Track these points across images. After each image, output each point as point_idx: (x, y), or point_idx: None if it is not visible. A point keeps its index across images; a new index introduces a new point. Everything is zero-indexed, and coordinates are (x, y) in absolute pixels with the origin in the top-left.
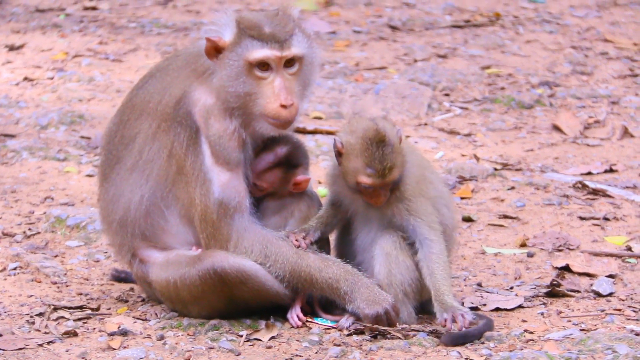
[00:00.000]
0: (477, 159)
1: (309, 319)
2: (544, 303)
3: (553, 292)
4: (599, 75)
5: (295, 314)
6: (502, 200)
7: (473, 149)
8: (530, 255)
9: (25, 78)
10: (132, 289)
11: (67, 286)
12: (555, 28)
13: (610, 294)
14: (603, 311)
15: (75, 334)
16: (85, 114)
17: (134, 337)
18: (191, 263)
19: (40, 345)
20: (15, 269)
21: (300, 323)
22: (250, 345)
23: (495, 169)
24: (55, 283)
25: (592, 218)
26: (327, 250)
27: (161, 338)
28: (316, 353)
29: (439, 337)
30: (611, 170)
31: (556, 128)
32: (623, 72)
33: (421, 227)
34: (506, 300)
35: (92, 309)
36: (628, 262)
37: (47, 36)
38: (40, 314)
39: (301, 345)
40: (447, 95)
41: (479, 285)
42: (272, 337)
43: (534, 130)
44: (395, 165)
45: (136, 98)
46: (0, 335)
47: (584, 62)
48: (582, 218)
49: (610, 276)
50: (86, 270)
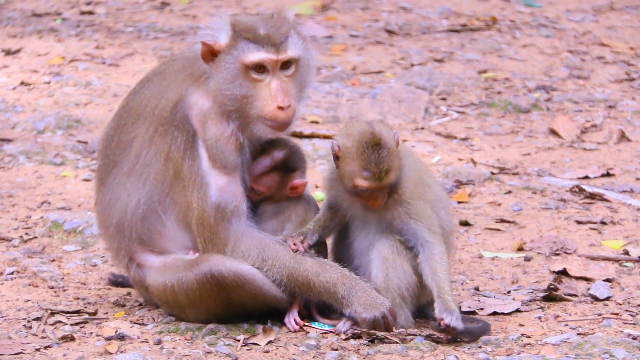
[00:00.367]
0: (474, 163)
1: (307, 323)
2: (542, 307)
3: (550, 296)
4: (596, 79)
5: (292, 318)
6: (499, 204)
7: (470, 153)
8: (527, 259)
9: (22, 82)
10: (130, 294)
11: (64, 290)
12: (551, 32)
13: (607, 298)
14: (600, 315)
15: (72, 339)
16: (82, 119)
17: (131, 342)
18: (188, 267)
19: (37, 349)
20: (12, 274)
21: (297, 327)
22: (247, 349)
23: (492, 173)
24: (52, 287)
25: (589, 222)
26: (325, 254)
27: (158, 342)
28: (314, 357)
29: (437, 342)
30: (608, 174)
31: (553, 132)
32: (620, 76)
33: (421, 230)
34: (503, 304)
35: (90, 314)
36: (625, 266)
37: (44, 40)
38: (37, 319)
39: (298, 349)
40: (444, 99)
41: (477, 289)
42: (270, 342)
43: (531, 134)
44: (391, 168)
45: (133, 102)
46: None
47: (581, 66)
48: (579, 222)
49: (607, 280)
50: (83, 274)
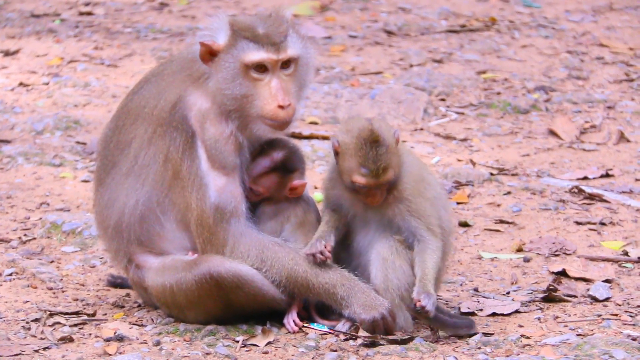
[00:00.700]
0: (473, 164)
1: (306, 324)
2: (541, 308)
3: (550, 297)
4: (595, 80)
5: (291, 319)
6: (499, 205)
7: (469, 154)
8: (526, 260)
9: (20, 83)
10: (128, 295)
11: (63, 292)
12: (551, 33)
13: (606, 299)
14: (600, 316)
15: (71, 340)
16: (80, 120)
17: (130, 343)
18: (187, 268)
19: (36, 351)
20: (11, 275)
21: (296, 328)
22: (246, 350)
23: (491, 174)
24: (51, 289)
25: (589, 223)
26: None
27: (157, 344)
28: (313, 358)
29: (435, 342)
30: (607, 175)
31: (552, 133)
32: (619, 77)
33: (420, 228)
34: (503, 305)
35: (88, 315)
36: (625, 267)
37: (43, 41)
38: (36, 320)
39: (297, 350)
40: (443, 100)
41: (476, 290)
42: (269, 343)
43: (530, 135)
44: (389, 165)
45: (131, 103)
46: None
47: (580, 67)
48: (579, 223)
49: (606, 281)
50: (82, 275)
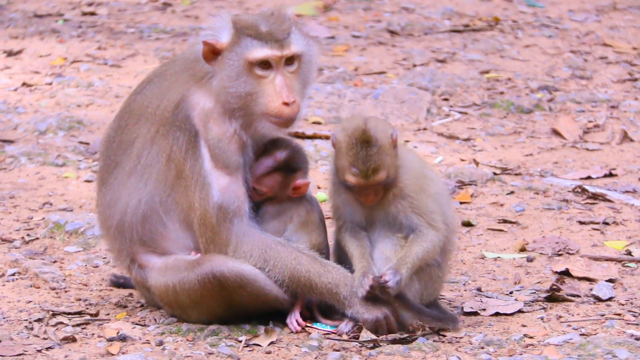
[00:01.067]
0: (477, 164)
1: (308, 324)
2: (544, 308)
3: (553, 297)
4: (598, 79)
5: (294, 319)
6: (502, 204)
7: (472, 154)
8: (529, 259)
9: (23, 83)
10: (131, 295)
11: (66, 292)
12: (554, 32)
13: (610, 299)
14: (603, 316)
15: (74, 340)
16: (83, 120)
17: (133, 343)
18: (190, 267)
19: (39, 351)
20: (13, 275)
21: (299, 328)
22: (249, 350)
23: (494, 174)
24: (54, 289)
25: (592, 222)
26: (327, 255)
27: (160, 344)
28: (315, 358)
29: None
30: (611, 174)
31: (555, 132)
32: (622, 77)
33: (421, 224)
34: (506, 305)
35: (91, 315)
36: (628, 267)
37: (46, 42)
38: (39, 320)
39: (300, 350)
40: (446, 100)
41: (479, 290)
42: (272, 343)
43: (533, 134)
44: (380, 166)
45: (134, 103)
46: None
47: (583, 67)
48: (582, 222)
49: (610, 281)
50: (85, 275)
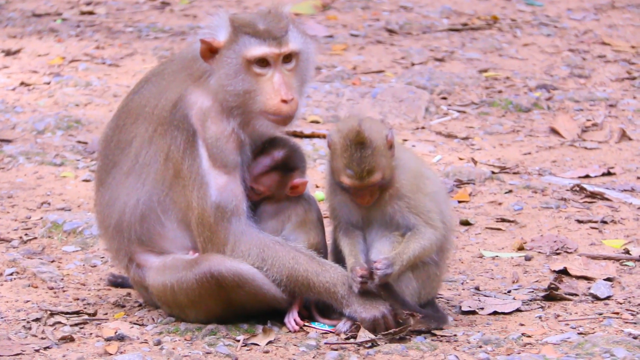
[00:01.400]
0: (475, 163)
1: (306, 324)
2: (542, 306)
3: (551, 296)
4: (597, 78)
5: (292, 318)
6: (500, 203)
7: (471, 153)
8: (528, 258)
9: (21, 83)
10: (129, 294)
11: (64, 291)
12: (552, 31)
13: (608, 297)
14: (601, 314)
15: (72, 340)
16: (82, 119)
17: (131, 342)
18: (188, 267)
19: (37, 350)
20: (11, 275)
21: (297, 327)
22: (247, 350)
23: (492, 173)
24: (52, 288)
25: (590, 221)
26: (325, 254)
27: (158, 343)
28: (313, 357)
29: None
30: (609, 173)
31: (554, 131)
32: (621, 75)
33: (419, 224)
34: (504, 304)
35: (89, 314)
36: (626, 265)
37: (44, 41)
38: (36, 320)
39: (298, 349)
40: (445, 98)
41: (477, 289)
42: (270, 342)
43: (532, 133)
44: (375, 168)
45: (132, 103)
46: None
47: (582, 65)
48: (580, 221)
49: (608, 279)
50: (83, 275)
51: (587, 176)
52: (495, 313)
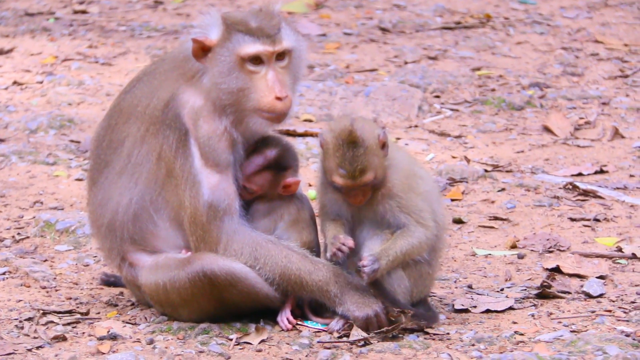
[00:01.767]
0: (468, 161)
1: (299, 322)
2: (535, 304)
3: (543, 294)
4: (590, 76)
5: (285, 317)
6: (493, 201)
7: (463, 151)
8: (520, 256)
9: (14, 82)
10: (122, 293)
11: (57, 290)
12: (545, 29)
13: (600, 295)
14: (593, 312)
15: (64, 339)
16: (74, 118)
17: (124, 342)
18: (180, 266)
19: (29, 350)
20: (4, 274)
21: (290, 326)
22: (240, 348)
23: (485, 171)
24: (44, 287)
25: (583, 219)
26: (317, 253)
27: (151, 342)
28: (306, 356)
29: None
30: (602, 171)
31: (547, 129)
32: (614, 73)
33: (410, 224)
34: (497, 302)
35: (82, 314)
36: (618, 263)
37: (37, 40)
38: (29, 319)
39: (291, 348)
40: (438, 97)
41: (470, 287)
42: (262, 341)
43: (525, 131)
44: (367, 167)
45: (124, 102)
46: None
47: (575, 63)
48: (573, 219)
49: (600, 277)
50: (75, 274)
51: (580, 174)
52: (488, 311)
